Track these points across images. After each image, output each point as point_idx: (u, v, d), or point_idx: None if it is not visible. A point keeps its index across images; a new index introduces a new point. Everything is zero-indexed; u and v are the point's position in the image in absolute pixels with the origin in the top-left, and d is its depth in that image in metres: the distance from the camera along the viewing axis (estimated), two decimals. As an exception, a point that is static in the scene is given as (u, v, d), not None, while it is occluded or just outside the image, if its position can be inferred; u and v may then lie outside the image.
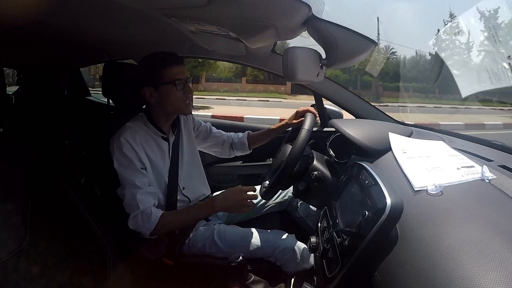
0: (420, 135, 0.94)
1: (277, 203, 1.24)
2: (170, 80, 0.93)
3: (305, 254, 1.00)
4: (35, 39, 1.13)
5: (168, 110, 0.99)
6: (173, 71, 0.93)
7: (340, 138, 1.01)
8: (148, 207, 0.89)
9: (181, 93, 0.95)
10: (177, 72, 0.94)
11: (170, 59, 0.94)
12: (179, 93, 0.95)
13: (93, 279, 0.69)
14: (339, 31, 0.65)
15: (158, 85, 0.94)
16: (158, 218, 0.88)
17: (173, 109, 0.99)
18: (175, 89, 0.94)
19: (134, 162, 0.92)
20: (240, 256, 0.75)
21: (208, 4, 0.61)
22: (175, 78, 0.93)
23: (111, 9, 0.77)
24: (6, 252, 0.59)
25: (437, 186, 0.56)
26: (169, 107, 0.98)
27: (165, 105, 0.97)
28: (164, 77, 0.93)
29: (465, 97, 0.99)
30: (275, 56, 1.32)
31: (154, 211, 0.89)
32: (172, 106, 0.98)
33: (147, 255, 0.85)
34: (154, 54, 0.95)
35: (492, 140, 0.91)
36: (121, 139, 0.92)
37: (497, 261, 0.39)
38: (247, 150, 1.25)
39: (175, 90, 0.94)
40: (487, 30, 0.92)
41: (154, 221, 0.88)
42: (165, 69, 0.93)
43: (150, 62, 0.95)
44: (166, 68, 0.93)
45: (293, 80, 0.70)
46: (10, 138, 0.74)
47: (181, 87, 0.95)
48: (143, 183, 0.91)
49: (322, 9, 0.64)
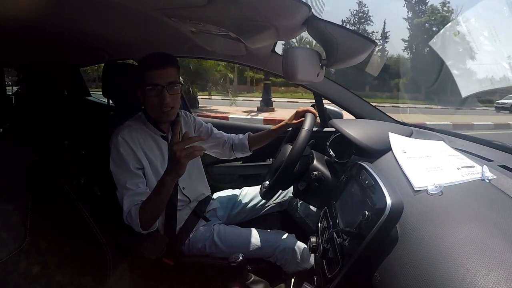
0: (420, 135, 0.94)
1: (277, 203, 1.24)
2: (146, 84, 0.91)
3: (305, 254, 1.00)
4: (35, 39, 1.13)
5: (150, 113, 0.98)
6: (152, 75, 0.90)
7: (340, 138, 1.01)
8: (132, 206, 0.87)
9: (156, 99, 0.92)
10: (156, 76, 0.90)
11: (152, 62, 0.91)
12: (154, 99, 0.92)
13: (93, 279, 0.69)
14: (339, 31, 0.65)
15: (142, 87, 0.93)
16: (138, 213, 0.86)
17: (152, 114, 0.97)
18: (149, 94, 0.92)
19: (129, 162, 0.91)
20: (240, 256, 0.75)
21: (208, 4, 0.61)
22: (152, 83, 0.91)
23: (111, 9, 0.77)
24: (6, 252, 0.59)
25: (437, 186, 0.56)
26: (149, 111, 0.97)
27: (147, 109, 0.97)
28: (145, 79, 0.91)
29: (465, 97, 0.99)
30: (275, 56, 1.32)
31: (134, 209, 0.87)
32: (150, 110, 0.96)
33: (147, 255, 0.85)
34: (148, 55, 0.94)
35: (492, 140, 0.91)
36: (119, 138, 0.92)
37: (497, 261, 0.39)
38: (247, 151, 1.25)
39: (150, 95, 0.92)
40: (487, 30, 0.92)
41: (135, 217, 0.86)
42: (146, 72, 0.91)
43: (140, 63, 0.95)
44: (147, 71, 0.91)
45: (293, 80, 0.70)
46: (10, 138, 0.74)
47: (155, 93, 0.91)
48: (135, 185, 0.90)
49: (322, 9, 0.64)
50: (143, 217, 0.86)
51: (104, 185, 1.12)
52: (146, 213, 0.86)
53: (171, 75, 0.93)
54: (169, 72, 0.92)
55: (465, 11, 0.94)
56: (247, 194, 1.25)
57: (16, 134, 1.70)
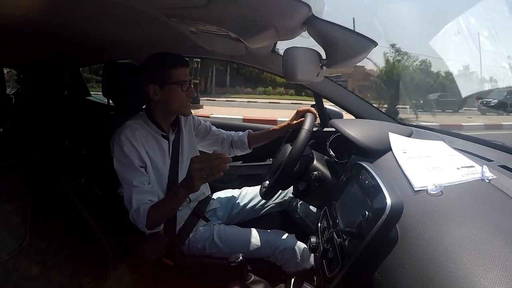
0: (420, 135, 0.94)
1: (277, 203, 1.24)
2: (176, 80, 0.95)
3: (305, 254, 1.00)
4: (35, 39, 1.13)
5: (170, 109, 1.00)
6: (180, 73, 0.96)
7: (340, 138, 1.01)
8: (141, 204, 0.88)
9: (185, 94, 0.98)
10: (183, 74, 0.97)
11: (179, 60, 0.97)
12: (183, 94, 0.97)
13: (93, 279, 0.69)
14: (339, 31, 0.65)
15: (164, 84, 0.95)
16: (146, 213, 0.87)
17: (175, 109, 1.01)
18: (180, 89, 0.96)
19: (133, 160, 0.92)
20: (240, 256, 0.75)
21: (208, 4, 0.60)
22: (181, 79, 0.96)
23: (111, 9, 0.77)
24: (6, 252, 0.59)
25: (437, 186, 0.56)
26: (171, 106, 0.99)
27: (168, 104, 0.99)
28: (171, 76, 0.95)
29: (465, 97, 0.99)
30: (275, 56, 1.32)
31: (144, 208, 0.88)
32: (174, 105, 0.99)
33: (147, 255, 0.85)
34: (163, 53, 0.97)
35: (492, 140, 0.91)
36: (122, 137, 0.92)
37: (497, 261, 0.39)
38: (247, 149, 1.25)
39: (180, 91, 0.96)
40: (487, 30, 0.92)
41: (143, 216, 0.87)
42: (173, 69, 0.95)
43: (159, 60, 0.96)
44: (174, 68, 0.95)
45: (293, 80, 0.70)
46: (10, 138, 0.74)
47: (186, 88, 0.97)
48: (141, 182, 0.91)
49: (322, 9, 0.64)
50: (151, 218, 0.87)
51: (104, 185, 1.12)
52: (155, 216, 0.88)
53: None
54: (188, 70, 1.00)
55: (465, 11, 0.94)
56: (247, 194, 1.25)
57: (16, 134, 1.70)
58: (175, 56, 0.97)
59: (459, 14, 0.92)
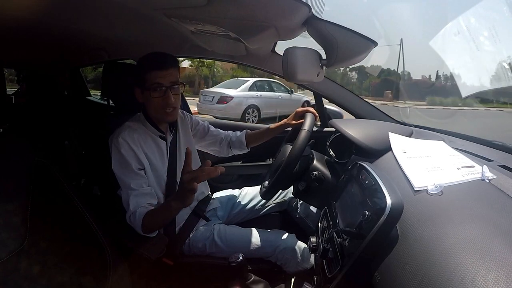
0: (420, 135, 0.94)
1: (277, 203, 1.24)
2: (149, 85, 0.91)
3: (305, 254, 1.00)
4: (35, 39, 1.13)
5: (151, 114, 0.97)
6: (155, 76, 0.90)
7: (340, 138, 1.01)
8: (138, 207, 0.87)
9: (159, 100, 0.92)
10: (159, 77, 0.90)
11: (155, 62, 0.91)
12: (157, 100, 0.92)
13: (93, 279, 0.69)
14: (339, 31, 0.65)
15: (143, 88, 0.92)
16: (142, 218, 0.86)
17: (154, 114, 0.97)
18: (153, 95, 0.91)
19: (131, 163, 0.91)
20: (240, 256, 0.75)
21: (208, 4, 0.61)
22: (155, 83, 0.90)
23: (111, 9, 0.77)
24: (6, 252, 0.59)
25: (437, 186, 0.56)
26: (150, 111, 0.97)
27: (148, 109, 0.97)
28: (147, 81, 0.91)
29: (465, 97, 0.99)
30: (275, 56, 1.32)
31: (140, 211, 0.87)
32: (152, 111, 0.96)
33: (147, 255, 0.85)
34: (148, 55, 0.93)
35: (492, 140, 0.91)
36: (119, 139, 0.91)
37: (497, 261, 0.39)
38: (245, 148, 1.25)
39: (153, 96, 0.91)
40: (487, 30, 0.92)
41: (139, 220, 0.86)
42: (148, 72, 0.90)
43: (140, 63, 0.94)
44: (149, 72, 0.90)
45: (293, 80, 0.70)
46: (10, 138, 0.74)
47: (159, 94, 0.91)
48: (139, 185, 0.90)
49: (322, 9, 0.64)
50: (146, 224, 0.87)
51: (104, 185, 1.12)
52: (150, 223, 0.87)
53: (173, 75, 0.92)
54: (171, 72, 0.92)
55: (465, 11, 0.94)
56: (247, 194, 1.25)
57: (16, 134, 1.70)
58: (155, 58, 0.91)
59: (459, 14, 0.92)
